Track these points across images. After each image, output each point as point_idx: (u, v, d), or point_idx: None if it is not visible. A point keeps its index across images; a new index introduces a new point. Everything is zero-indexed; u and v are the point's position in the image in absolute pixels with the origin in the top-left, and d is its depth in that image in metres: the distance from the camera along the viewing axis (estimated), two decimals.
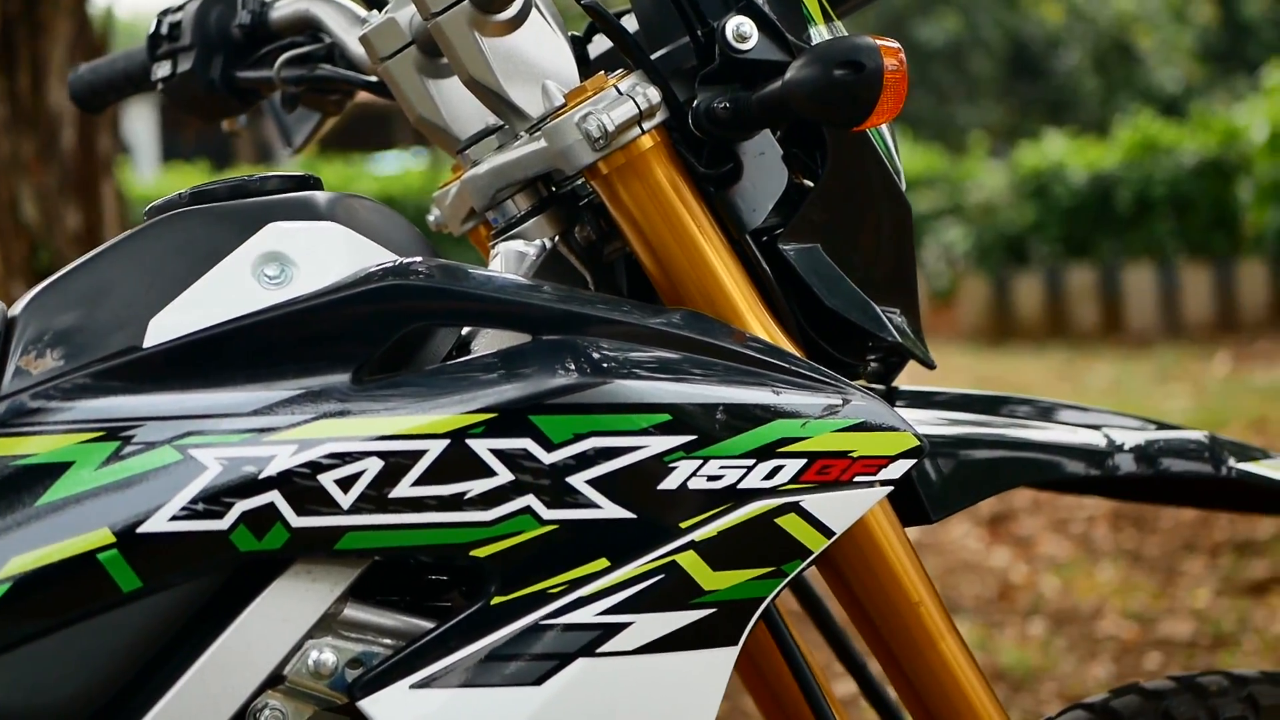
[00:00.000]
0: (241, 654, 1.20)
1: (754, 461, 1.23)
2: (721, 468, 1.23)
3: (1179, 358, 10.57)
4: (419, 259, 1.27)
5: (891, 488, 1.27)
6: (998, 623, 4.65)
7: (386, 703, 1.20)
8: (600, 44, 1.52)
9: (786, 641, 1.33)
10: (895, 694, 1.75)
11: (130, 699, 1.20)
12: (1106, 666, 4.20)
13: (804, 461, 1.24)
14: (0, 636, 1.17)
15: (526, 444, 1.20)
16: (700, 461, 1.22)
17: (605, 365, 1.22)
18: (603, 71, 1.34)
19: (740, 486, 1.23)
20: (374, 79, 1.60)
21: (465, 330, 1.35)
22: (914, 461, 1.27)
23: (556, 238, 1.39)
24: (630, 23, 1.42)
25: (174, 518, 1.17)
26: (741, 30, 1.32)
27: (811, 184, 1.38)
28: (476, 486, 1.20)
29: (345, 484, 1.18)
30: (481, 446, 1.20)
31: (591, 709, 1.22)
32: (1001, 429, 1.51)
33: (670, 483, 1.22)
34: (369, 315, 1.23)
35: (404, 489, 1.19)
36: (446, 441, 1.19)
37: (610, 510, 1.21)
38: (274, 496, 1.18)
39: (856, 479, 1.26)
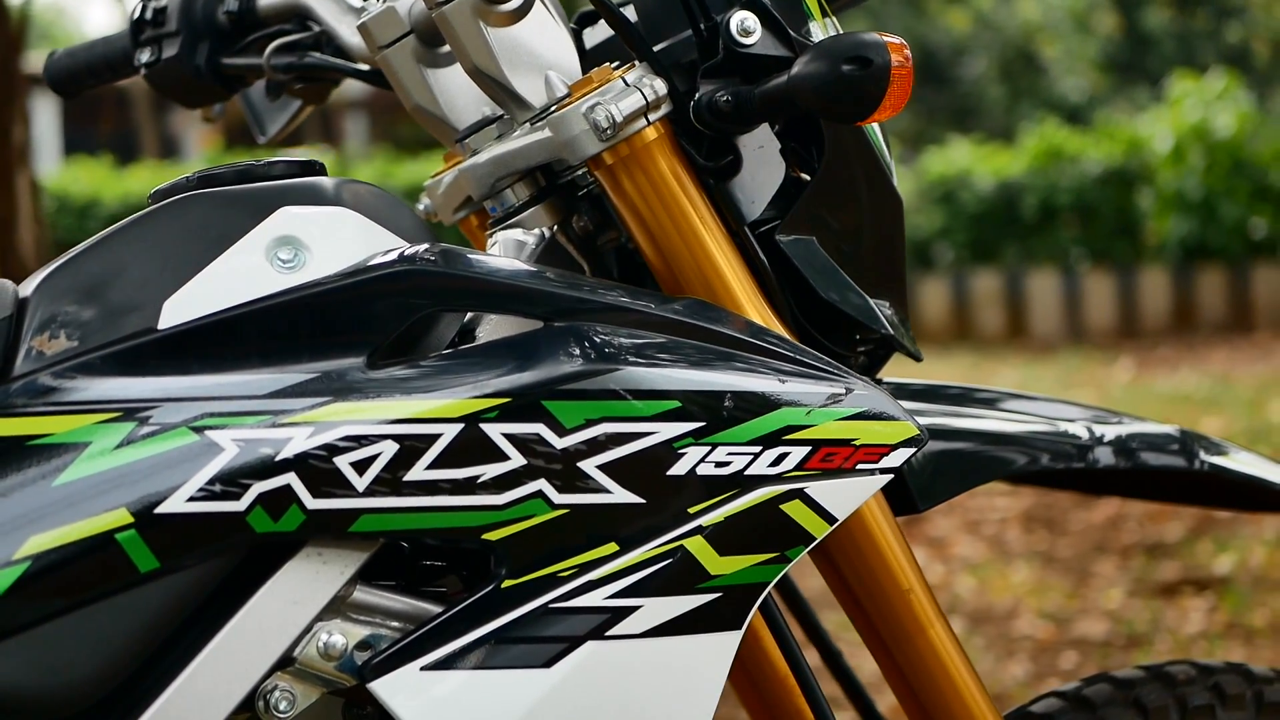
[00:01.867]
0: (253, 636, 1.20)
1: (760, 448, 1.25)
2: (729, 454, 1.24)
3: (1082, 363, 10.69)
4: (430, 244, 1.27)
5: (892, 476, 1.29)
6: None
7: (397, 684, 1.20)
8: (592, 36, 1.53)
9: (781, 630, 1.35)
10: (871, 685, 1.78)
11: (143, 680, 1.20)
12: (1024, 665, 4.26)
13: (808, 449, 1.26)
14: (18, 616, 1.16)
15: (539, 429, 1.21)
16: (708, 448, 1.24)
17: (616, 352, 1.23)
18: (607, 63, 1.36)
19: (747, 473, 1.24)
20: (364, 67, 1.60)
21: (469, 316, 1.36)
22: (914, 450, 1.29)
23: (555, 227, 1.40)
24: (629, 15, 1.43)
25: (191, 499, 1.17)
26: (745, 25, 1.34)
27: (808, 177, 1.40)
28: (489, 470, 1.21)
29: (360, 467, 1.19)
30: (495, 431, 1.20)
31: (600, 691, 1.23)
32: (986, 421, 1.54)
33: (679, 469, 1.23)
34: (385, 299, 1.23)
35: (418, 472, 1.20)
36: (460, 425, 1.20)
37: (620, 495, 1.22)
38: (290, 478, 1.18)
39: (859, 467, 1.27)
